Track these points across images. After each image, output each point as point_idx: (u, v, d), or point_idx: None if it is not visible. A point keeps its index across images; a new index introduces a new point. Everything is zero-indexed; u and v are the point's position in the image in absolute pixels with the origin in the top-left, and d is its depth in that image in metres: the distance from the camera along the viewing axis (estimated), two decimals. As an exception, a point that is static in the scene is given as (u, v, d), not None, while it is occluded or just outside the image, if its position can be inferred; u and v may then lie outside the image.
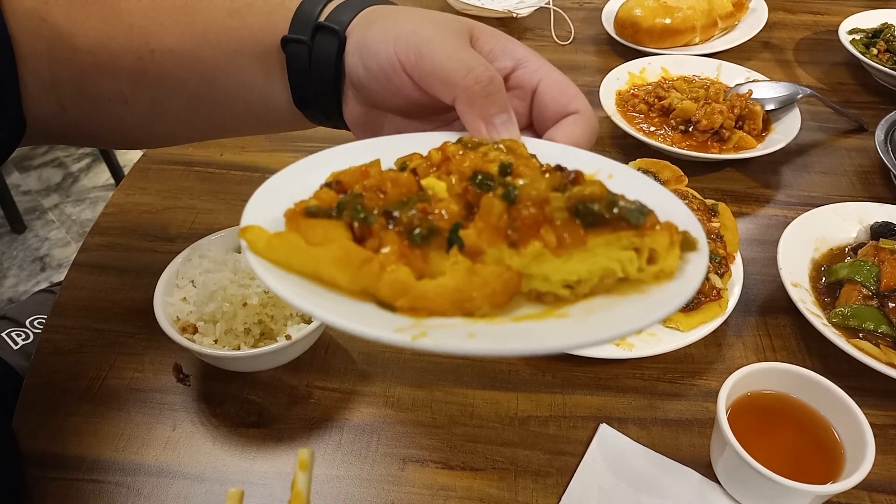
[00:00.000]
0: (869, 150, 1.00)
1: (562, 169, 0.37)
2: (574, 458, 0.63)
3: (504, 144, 0.39)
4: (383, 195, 0.35)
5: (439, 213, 0.34)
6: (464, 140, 0.40)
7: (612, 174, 0.40)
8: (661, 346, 0.69)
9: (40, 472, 0.61)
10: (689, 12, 1.21)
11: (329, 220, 0.34)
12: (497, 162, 0.36)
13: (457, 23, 0.47)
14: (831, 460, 0.57)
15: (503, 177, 0.35)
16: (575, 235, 0.32)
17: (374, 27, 0.47)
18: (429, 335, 0.29)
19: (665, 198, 0.38)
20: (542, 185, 0.34)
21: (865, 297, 0.72)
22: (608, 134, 1.04)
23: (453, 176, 0.36)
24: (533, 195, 0.33)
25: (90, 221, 0.88)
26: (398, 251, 0.32)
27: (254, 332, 0.65)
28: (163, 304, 0.65)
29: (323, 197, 0.35)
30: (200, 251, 0.70)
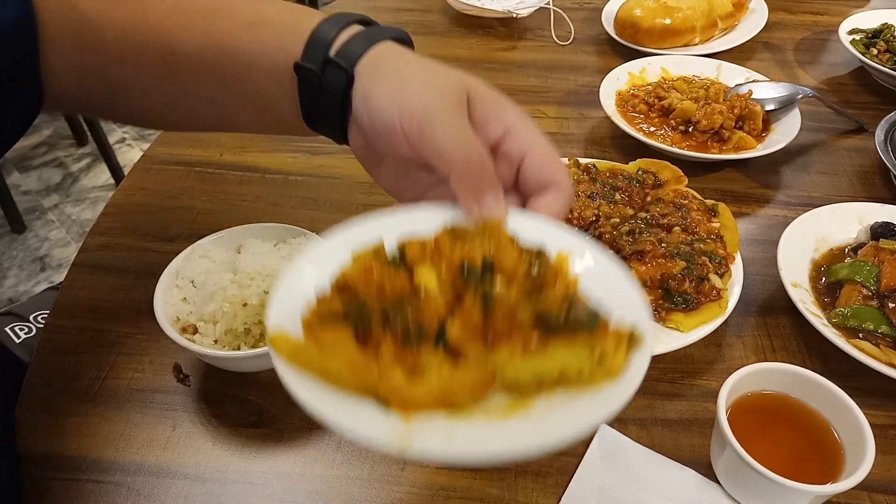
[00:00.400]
0: (869, 151, 1.00)
1: (541, 256, 0.43)
2: (574, 459, 0.63)
3: (489, 232, 0.45)
4: (381, 292, 0.42)
5: (428, 313, 0.40)
6: (455, 230, 0.46)
7: (584, 253, 0.47)
8: (661, 346, 0.69)
9: (40, 472, 0.61)
10: (688, 12, 1.21)
11: (336, 330, 0.40)
12: (481, 255, 0.43)
13: (457, 87, 0.49)
14: (831, 460, 0.57)
15: (485, 274, 0.42)
16: (539, 341, 0.39)
17: (381, 81, 0.50)
18: (414, 443, 0.36)
19: (624, 285, 0.45)
20: (513, 294, 0.40)
21: (865, 297, 0.72)
22: (608, 134, 1.04)
23: (444, 265, 0.43)
24: (505, 304, 0.40)
25: (90, 221, 0.88)
26: (393, 352, 0.39)
27: (254, 332, 0.65)
28: (163, 305, 0.65)
29: (331, 303, 0.42)
30: (200, 251, 0.70)
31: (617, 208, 0.82)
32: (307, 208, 0.89)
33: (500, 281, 0.42)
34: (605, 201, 0.83)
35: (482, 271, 0.42)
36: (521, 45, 1.28)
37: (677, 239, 0.76)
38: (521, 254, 0.44)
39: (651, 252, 0.74)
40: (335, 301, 0.42)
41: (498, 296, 0.40)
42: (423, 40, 1.28)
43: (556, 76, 1.18)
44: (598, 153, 1.00)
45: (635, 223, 0.78)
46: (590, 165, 0.88)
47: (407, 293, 0.42)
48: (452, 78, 0.50)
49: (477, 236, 0.45)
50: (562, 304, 0.40)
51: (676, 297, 0.72)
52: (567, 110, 1.09)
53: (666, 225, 0.78)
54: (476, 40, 1.28)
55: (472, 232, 0.46)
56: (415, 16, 1.36)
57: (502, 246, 0.44)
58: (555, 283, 0.42)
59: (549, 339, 0.40)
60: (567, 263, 0.46)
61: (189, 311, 0.66)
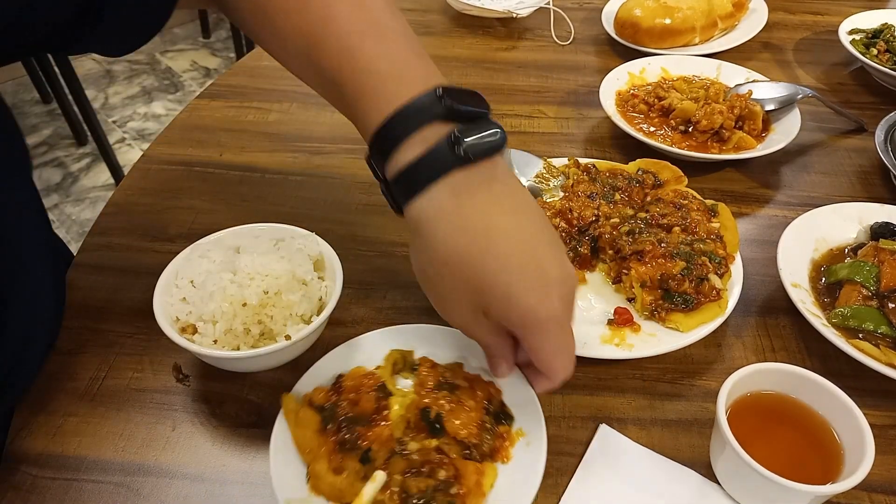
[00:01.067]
0: (869, 151, 1.00)
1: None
2: (574, 459, 0.63)
3: (450, 382, 0.62)
4: (355, 404, 0.60)
5: (370, 435, 0.58)
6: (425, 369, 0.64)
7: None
8: (660, 346, 0.69)
9: (40, 472, 0.61)
10: (688, 12, 1.21)
11: (313, 414, 0.60)
12: (435, 409, 0.60)
13: (527, 271, 0.48)
14: (831, 461, 0.57)
15: (436, 423, 0.59)
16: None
17: (432, 237, 0.49)
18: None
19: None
20: (422, 485, 0.55)
21: (865, 297, 0.72)
22: (608, 134, 1.04)
23: (411, 398, 0.61)
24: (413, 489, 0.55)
25: (90, 221, 0.88)
26: (333, 445, 0.58)
27: (253, 332, 0.65)
28: (162, 305, 0.65)
29: (320, 395, 0.61)
30: (200, 251, 0.70)
31: (617, 208, 0.82)
32: (307, 208, 0.89)
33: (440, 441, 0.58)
34: (605, 201, 0.83)
35: (435, 421, 0.59)
36: (521, 45, 1.28)
37: (677, 239, 0.76)
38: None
39: (651, 252, 0.74)
40: (323, 395, 0.61)
41: (408, 483, 0.55)
42: (422, 40, 1.27)
43: (555, 76, 1.18)
44: (598, 153, 1.00)
45: (635, 223, 0.78)
46: (590, 165, 0.88)
47: (372, 410, 0.59)
48: (527, 254, 0.49)
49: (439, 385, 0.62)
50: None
51: (676, 297, 0.72)
52: (567, 110, 1.09)
53: (666, 225, 0.78)
54: (476, 40, 1.28)
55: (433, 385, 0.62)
56: (415, 15, 1.36)
57: (458, 399, 0.61)
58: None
59: None
60: None
61: (188, 311, 0.65)
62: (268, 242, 0.71)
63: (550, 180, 0.88)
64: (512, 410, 0.62)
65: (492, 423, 0.60)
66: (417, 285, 0.60)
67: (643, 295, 0.73)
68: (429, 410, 0.59)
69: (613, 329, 0.72)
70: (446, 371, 0.63)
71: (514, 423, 0.62)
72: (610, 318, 0.73)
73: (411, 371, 0.65)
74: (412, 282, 0.76)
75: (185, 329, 0.65)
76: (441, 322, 0.60)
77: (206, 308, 0.64)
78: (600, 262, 0.81)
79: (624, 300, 0.76)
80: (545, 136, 1.04)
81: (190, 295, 0.66)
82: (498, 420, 0.61)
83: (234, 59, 3.27)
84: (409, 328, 0.68)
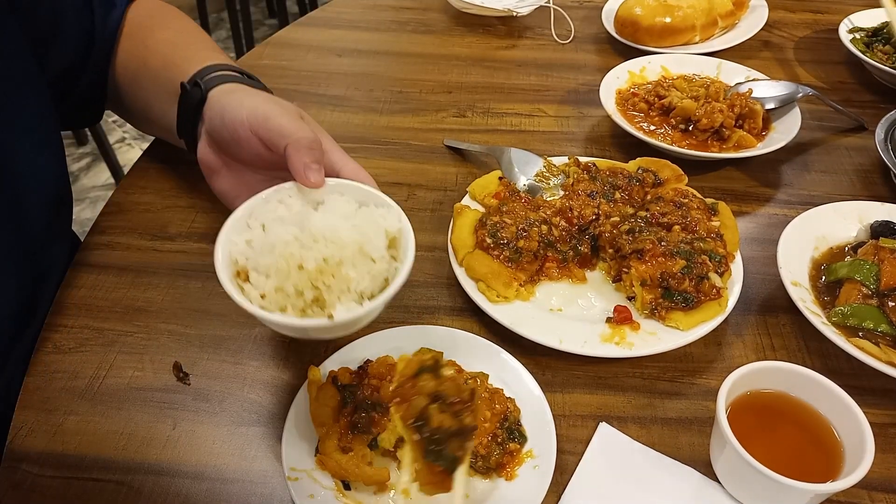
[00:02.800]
0: (869, 149, 1.00)
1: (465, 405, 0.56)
2: (574, 457, 0.63)
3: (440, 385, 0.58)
4: (375, 391, 0.62)
5: (383, 423, 0.61)
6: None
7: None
8: (660, 344, 0.69)
9: (40, 472, 0.61)
10: (689, 11, 1.21)
11: (334, 392, 0.63)
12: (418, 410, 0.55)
13: (295, 107, 0.69)
14: (831, 459, 0.57)
15: (419, 422, 0.54)
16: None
17: (233, 94, 0.70)
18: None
19: None
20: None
21: (865, 295, 0.72)
22: (608, 133, 1.04)
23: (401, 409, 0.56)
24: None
25: (90, 221, 0.88)
26: (346, 425, 0.61)
27: (306, 295, 0.59)
28: (226, 242, 0.60)
29: (345, 375, 0.64)
30: (281, 195, 0.64)
31: (617, 207, 0.82)
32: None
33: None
34: (605, 200, 0.83)
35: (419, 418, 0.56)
36: (521, 44, 1.27)
37: (677, 237, 0.76)
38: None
39: (651, 251, 0.74)
40: (345, 374, 0.65)
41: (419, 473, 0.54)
42: (422, 39, 1.28)
43: (556, 75, 1.18)
44: (599, 152, 1.00)
45: (635, 222, 0.78)
46: (590, 164, 0.88)
47: (387, 402, 0.57)
48: (291, 104, 0.70)
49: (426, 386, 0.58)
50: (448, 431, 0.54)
51: (676, 295, 0.72)
52: (567, 109, 1.09)
53: (666, 223, 0.78)
54: (476, 39, 1.28)
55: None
56: (415, 14, 1.36)
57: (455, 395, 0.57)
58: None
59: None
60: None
61: (248, 255, 0.60)
62: (350, 204, 0.65)
63: (551, 179, 0.88)
64: (527, 431, 0.63)
65: (504, 439, 0.61)
66: (417, 284, 0.60)
67: (643, 293, 0.73)
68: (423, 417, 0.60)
69: (613, 327, 0.72)
70: (470, 378, 0.64)
71: (526, 443, 0.62)
72: (609, 316, 0.73)
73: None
74: (412, 280, 0.77)
75: (239, 273, 0.60)
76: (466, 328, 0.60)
77: (263, 260, 0.59)
78: (600, 261, 0.81)
79: (624, 299, 0.76)
80: (545, 135, 1.04)
81: (256, 239, 0.61)
82: (511, 437, 0.61)
83: (234, 58, 3.27)
84: (444, 330, 0.70)
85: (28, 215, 0.74)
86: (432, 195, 0.92)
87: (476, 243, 0.78)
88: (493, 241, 0.76)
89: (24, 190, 0.72)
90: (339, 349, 0.67)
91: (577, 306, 0.75)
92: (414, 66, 1.20)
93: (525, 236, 0.77)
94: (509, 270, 0.75)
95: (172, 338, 0.73)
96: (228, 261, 0.59)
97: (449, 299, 0.78)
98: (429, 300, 0.77)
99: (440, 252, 0.82)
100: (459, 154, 1.00)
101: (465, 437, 0.53)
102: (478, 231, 0.79)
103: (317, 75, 1.16)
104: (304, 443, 0.61)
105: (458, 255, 0.77)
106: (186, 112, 0.75)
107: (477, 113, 1.08)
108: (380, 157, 0.99)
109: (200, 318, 0.75)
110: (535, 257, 0.77)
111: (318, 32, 1.29)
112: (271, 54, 1.22)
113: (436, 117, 1.07)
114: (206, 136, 0.73)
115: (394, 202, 0.65)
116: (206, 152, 0.73)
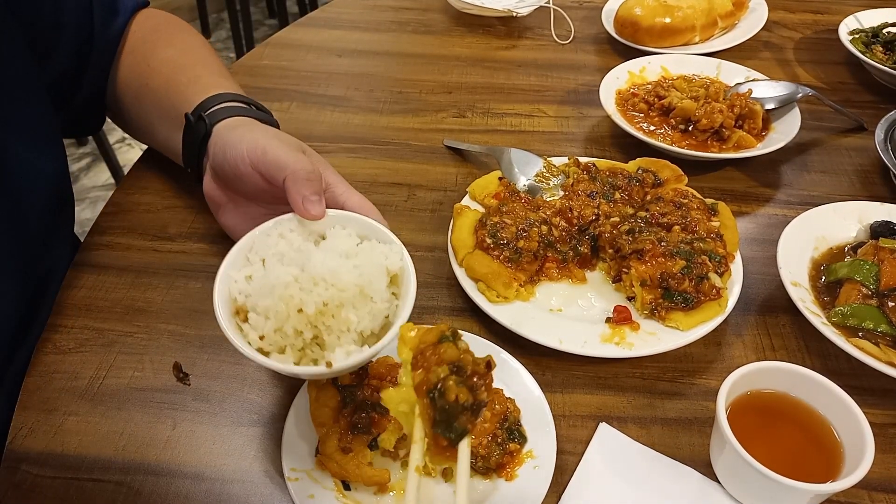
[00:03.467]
0: (869, 150, 1.00)
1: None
2: (574, 457, 0.63)
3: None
4: (376, 391, 0.61)
5: (382, 423, 0.60)
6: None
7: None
8: (660, 345, 0.70)
9: (40, 472, 0.61)
10: (689, 11, 1.21)
11: (334, 392, 0.61)
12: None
13: (296, 141, 0.70)
14: (831, 459, 0.57)
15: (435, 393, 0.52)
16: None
17: (234, 130, 0.71)
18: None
19: None
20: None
21: (865, 296, 0.72)
22: (608, 133, 1.04)
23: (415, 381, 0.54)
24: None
25: (90, 221, 0.88)
26: (346, 425, 0.60)
27: (305, 335, 0.59)
28: (225, 279, 0.60)
29: (345, 375, 0.61)
30: (281, 229, 0.64)
31: (617, 207, 0.82)
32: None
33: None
34: (605, 200, 0.83)
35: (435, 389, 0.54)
36: (521, 44, 1.27)
37: (677, 238, 0.76)
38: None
39: (651, 251, 0.74)
40: (346, 377, 0.62)
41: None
42: (422, 39, 1.28)
43: (555, 75, 1.18)
44: (598, 152, 1.00)
45: (635, 222, 0.78)
46: (590, 164, 0.88)
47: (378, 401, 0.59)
48: (293, 138, 0.70)
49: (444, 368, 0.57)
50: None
51: (676, 295, 0.72)
52: (567, 109, 1.09)
53: (666, 224, 0.78)
54: (476, 39, 1.28)
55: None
56: (415, 14, 1.36)
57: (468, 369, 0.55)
58: None
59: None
60: None
61: (248, 293, 0.60)
62: (352, 238, 0.64)
63: (551, 179, 0.88)
64: (527, 431, 0.62)
65: (504, 439, 0.61)
66: (419, 284, 0.60)
67: (643, 293, 0.73)
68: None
69: (613, 328, 0.72)
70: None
71: (526, 443, 0.62)
72: (609, 317, 0.73)
73: None
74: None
75: (238, 311, 0.60)
76: (466, 328, 0.60)
77: (262, 301, 0.59)
78: (600, 261, 0.81)
79: (624, 299, 0.76)
80: (545, 135, 1.04)
81: (256, 276, 0.61)
82: (511, 437, 0.61)
83: (234, 58, 3.27)
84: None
85: (28, 217, 0.74)
86: (432, 195, 0.92)
87: (476, 243, 0.78)
88: (493, 241, 0.76)
89: (23, 192, 0.72)
90: None
91: (577, 306, 0.75)
92: (414, 67, 1.20)
93: (525, 236, 0.77)
94: (509, 271, 0.75)
95: (172, 338, 0.73)
96: (227, 298, 0.60)
97: (449, 299, 0.78)
98: (429, 300, 0.77)
99: (440, 252, 0.82)
100: (459, 154, 1.00)
101: (476, 411, 0.51)
102: (478, 231, 0.79)
103: (317, 75, 1.16)
104: (304, 443, 0.61)
105: (458, 255, 0.77)
106: (192, 145, 0.76)
107: (477, 113, 1.08)
108: (380, 157, 0.99)
109: (200, 319, 0.75)
110: (535, 257, 0.77)
111: (318, 33, 1.29)
112: (271, 54, 1.22)
113: (436, 117, 1.07)
114: (210, 171, 0.74)
115: (396, 238, 0.64)
116: (211, 187, 0.74)
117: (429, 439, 0.51)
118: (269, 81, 1.14)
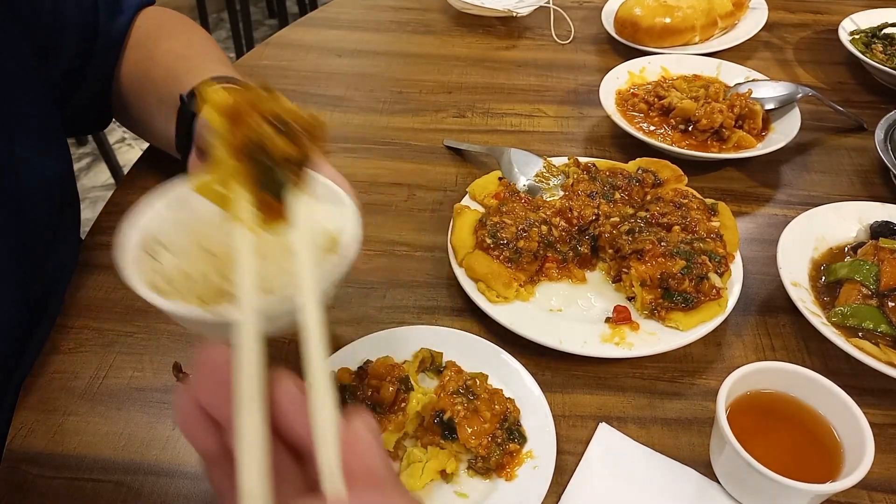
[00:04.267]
0: (869, 150, 1.00)
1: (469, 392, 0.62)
2: (573, 457, 0.63)
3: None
4: (375, 391, 0.63)
5: (382, 424, 0.61)
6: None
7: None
8: (660, 345, 0.70)
9: (40, 472, 0.61)
10: (688, 11, 1.21)
11: None
12: (450, 413, 0.61)
13: None
14: (830, 459, 0.57)
15: (449, 427, 0.60)
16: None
17: None
18: None
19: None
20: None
21: (865, 296, 0.72)
22: (608, 133, 1.04)
23: (430, 397, 0.62)
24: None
25: (90, 221, 0.88)
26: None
27: (213, 281, 0.51)
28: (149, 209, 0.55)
29: (344, 375, 0.64)
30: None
31: (617, 207, 0.82)
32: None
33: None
34: (605, 200, 0.83)
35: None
36: (521, 44, 1.27)
37: (677, 238, 0.76)
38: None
39: (651, 251, 0.74)
40: (345, 375, 0.64)
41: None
42: (422, 39, 1.28)
43: (555, 75, 1.18)
44: (598, 152, 1.00)
45: (635, 222, 0.78)
46: (589, 164, 0.88)
47: (388, 403, 0.63)
48: None
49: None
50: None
51: (676, 296, 0.72)
52: (567, 109, 1.09)
53: (666, 224, 0.78)
54: (476, 39, 1.28)
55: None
56: (415, 14, 1.36)
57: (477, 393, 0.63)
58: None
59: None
60: None
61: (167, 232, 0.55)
62: None
63: (550, 179, 0.88)
64: (526, 432, 0.63)
65: (503, 439, 0.61)
66: (417, 284, 0.60)
67: (643, 294, 0.73)
68: (443, 413, 0.60)
69: (613, 328, 0.72)
70: (469, 379, 0.64)
71: (526, 443, 0.62)
72: (609, 317, 0.73)
73: (437, 372, 0.66)
74: (412, 280, 0.77)
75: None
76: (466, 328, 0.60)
77: (173, 237, 0.54)
78: (600, 262, 0.81)
79: (624, 299, 0.76)
80: (545, 136, 1.04)
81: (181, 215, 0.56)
82: (511, 437, 0.61)
83: (234, 58, 3.27)
84: (445, 331, 0.70)
85: (33, 220, 0.74)
86: (432, 195, 0.92)
87: (476, 244, 0.78)
88: (493, 241, 0.76)
89: (27, 194, 0.72)
90: (339, 350, 0.67)
91: (576, 306, 0.75)
92: (414, 67, 1.20)
93: (525, 237, 0.77)
94: (509, 271, 0.75)
95: (172, 338, 0.73)
96: (146, 228, 0.54)
97: (449, 299, 0.78)
98: (429, 300, 0.77)
99: (440, 252, 0.82)
100: (459, 154, 1.00)
101: (302, 165, 0.44)
102: (478, 231, 0.79)
103: (317, 75, 1.16)
104: None
105: (457, 255, 0.77)
106: (183, 124, 0.75)
107: (477, 113, 1.08)
108: (380, 157, 0.99)
109: (200, 319, 0.75)
110: (535, 258, 0.77)
111: (318, 33, 1.29)
112: (271, 55, 1.22)
113: (436, 117, 1.07)
114: (195, 147, 0.73)
115: (351, 202, 0.51)
116: (195, 163, 0.73)
117: (257, 206, 0.43)
118: (268, 81, 1.14)
